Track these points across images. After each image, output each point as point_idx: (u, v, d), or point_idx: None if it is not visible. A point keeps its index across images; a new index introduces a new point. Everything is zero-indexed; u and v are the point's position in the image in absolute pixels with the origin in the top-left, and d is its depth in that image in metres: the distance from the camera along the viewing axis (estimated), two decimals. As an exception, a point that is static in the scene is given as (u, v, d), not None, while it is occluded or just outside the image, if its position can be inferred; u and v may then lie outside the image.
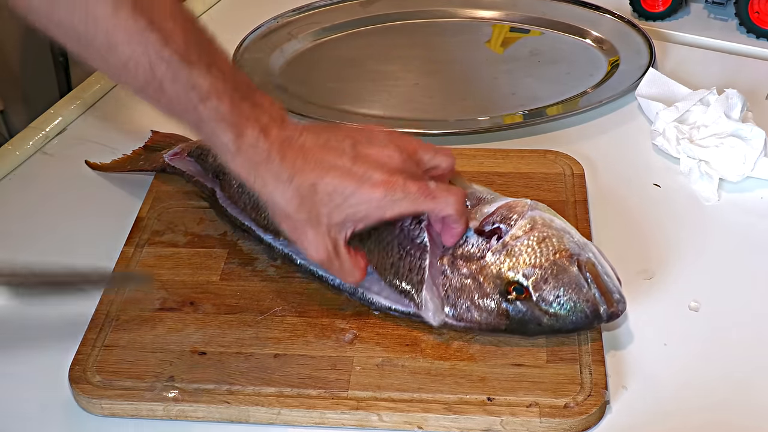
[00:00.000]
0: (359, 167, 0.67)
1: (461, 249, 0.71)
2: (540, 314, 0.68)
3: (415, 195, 0.67)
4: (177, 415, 0.68)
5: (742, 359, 0.71)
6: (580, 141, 0.94)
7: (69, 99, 1.03)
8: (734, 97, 0.90)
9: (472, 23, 1.16)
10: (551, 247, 0.69)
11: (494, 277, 0.69)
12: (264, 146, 0.66)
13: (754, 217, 0.85)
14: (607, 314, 0.68)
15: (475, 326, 0.70)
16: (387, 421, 0.66)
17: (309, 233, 0.68)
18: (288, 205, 0.67)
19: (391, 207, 0.67)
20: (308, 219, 0.67)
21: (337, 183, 0.66)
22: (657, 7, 1.13)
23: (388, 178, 0.67)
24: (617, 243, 0.74)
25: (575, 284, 0.68)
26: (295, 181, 0.66)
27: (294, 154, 0.66)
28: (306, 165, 0.66)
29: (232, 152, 0.66)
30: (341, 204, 0.66)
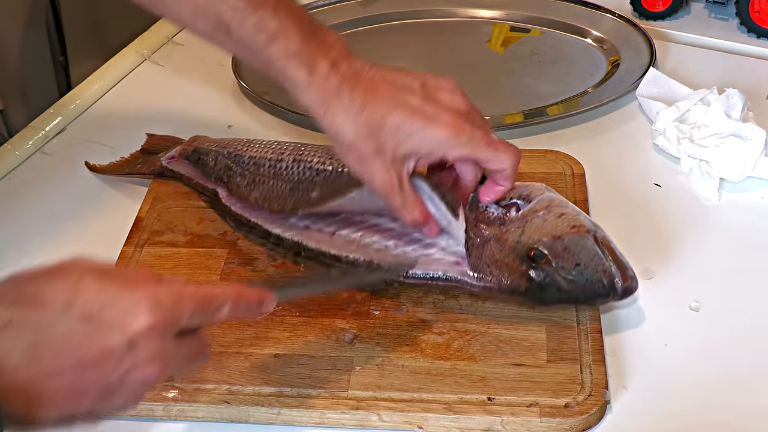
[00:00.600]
0: (428, 106, 0.69)
1: (483, 215, 0.73)
2: (559, 279, 0.70)
3: (479, 141, 0.69)
4: (177, 415, 0.67)
5: (743, 359, 0.71)
6: (581, 141, 0.94)
7: (69, 99, 1.03)
8: (735, 97, 0.90)
9: (472, 23, 1.16)
10: (569, 221, 0.72)
11: (515, 242, 0.71)
12: (335, 80, 0.68)
13: (754, 217, 0.85)
14: (622, 288, 0.70)
15: (495, 286, 0.72)
16: (387, 421, 0.66)
17: (375, 163, 0.69)
18: (356, 136, 0.68)
19: (454, 148, 0.69)
20: (375, 150, 0.68)
21: (405, 118, 0.68)
22: (657, 7, 1.13)
23: (456, 120, 0.69)
24: (618, 243, 0.74)
25: (593, 254, 0.70)
26: (365, 113, 0.68)
27: (364, 88, 0.68)
28: (376, 98, 0.68)
29: (304, 88, 0.68)
30: (407, 139, 0.68)
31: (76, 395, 0.53)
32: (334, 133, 0.69)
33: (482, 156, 0.70)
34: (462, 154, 0.70)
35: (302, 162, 0.81)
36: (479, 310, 0.73)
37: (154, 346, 0.54)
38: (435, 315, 0.73)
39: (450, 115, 0.69)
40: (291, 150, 0.83)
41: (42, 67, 1.09)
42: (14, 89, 1.05)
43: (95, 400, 0.53)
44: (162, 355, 0.55)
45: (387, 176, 0.69)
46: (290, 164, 0.81)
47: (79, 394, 0.53)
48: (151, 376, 0.54)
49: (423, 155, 0.70)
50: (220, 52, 1.09)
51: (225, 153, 0.85)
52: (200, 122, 0.99)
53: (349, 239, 0.76)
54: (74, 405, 0.53)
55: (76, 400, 0.53)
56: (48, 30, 1.08)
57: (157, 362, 0.54)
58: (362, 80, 0.69)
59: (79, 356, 0.52)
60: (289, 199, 0.80)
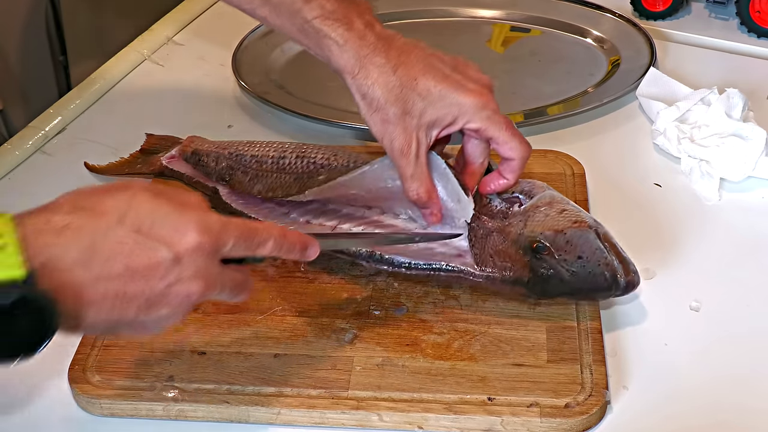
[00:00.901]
0: (457, 75, 0.72)
1: (486, 208, 0.74)
2: (562, 271, 0.70)
3: (500, 120, 0.72)
4: (177, 415, 0.67)
5: (743, 359, 0.71)
6: (581, 140, 0.94)
7: (68, 98, 1.03)
8: (735, 97, 0.90)
9: (472, 22, 1.16)
10: (571, 217, 0.72)
11: (518, 235, 0.72)
12: (371, 38, 0.71)
13: (755, 217, 0.85)
14: (624, 282, 0.70)
15: (498, 276, 0.72)
16: (387, 421, 0.66)
17: (399, 126, 0.71)
18: (387, 96, 0.70)
19: (477, 117, 0.71)
20: (402, 112, 0.70)
21: (437, 81, 0.71)
22: (658, 7, 1.13)
23: (482, 90, 0.72)
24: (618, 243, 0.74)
25: (596, 248, 0.70)
26: (399, 72, 0.70)
27: (398, 50, 0.71)
28: (409, 60, 0.71)
29: (340, 44, 0.71)
30: (435, 103, 0.70)
31: (122, 301, 0.55)
32: (365, 93, 0.71)
33: (500, 135, 0.72)
34: (483, 126, 0.72)
35: (306, 158, 0.81)
36: (480, 310, 0.73)
37: (198, 265, 0.57)
38: (435, 315, 0.73)
39: (477, 86, 0.72)
40: (293, 148, 0.83)
41: (42, 67, 1.09)
42: (14, 89, 1.05)
43: (140, 308, 0.56)
44: (205, 274, 0.57)
45: (407, 140, 0.71)
46: (293, 160, 0.82)
47: (125, 301, 0.55)
48: (194, 292, 0.57)
49: (447, 124, 0.72)
50: (219, 51, 1.10)
51: (226, 154, 0.85)
52: (200, 122, 0.99)
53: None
54: (120, 311, 0.55)
55: (122, 307, 0.55)
56: (48, 30, 1.08)
57: (200, 280, 0.57)
58: (395, 43, 0.72)
59: (127, 263, 0.55)
60: (294, 185, 0.80)
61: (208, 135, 0.95)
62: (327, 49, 0.72)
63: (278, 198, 0.80)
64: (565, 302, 0.73)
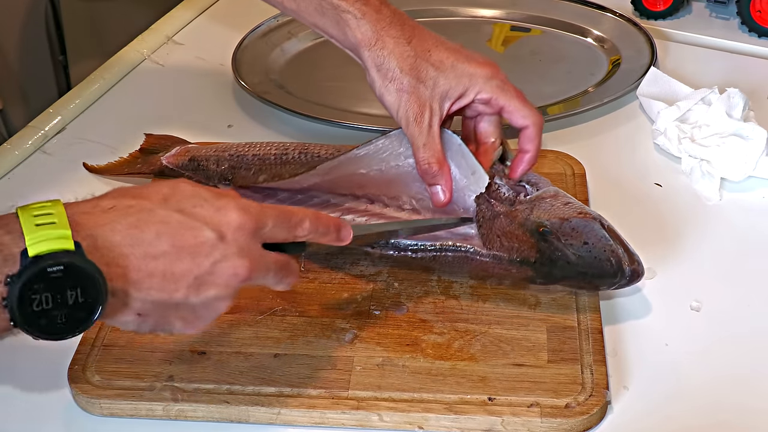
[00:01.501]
0: (466, 51, 0.76)
1: (494, 193, 0.75)
2: (569, 253, 0.70)
3: (510, 89, 0.75)
4: (176, 415, 0.67)
5: (744, 359, 0.71)
6: (582, 140, 0.94)
7: (68, 98, 1.03)
8: (736, 97, 0.90)
9: (472, 22, 1.16)
10: (575, 208, 0.73)
11: (524, 219, 0.72)
12: (387, 13, 0.74)
13: (755, 217, 0.84)
14: (630, 270, 0.70)
15: (506, 255, 0.72)
16: (387, 421, 0.66)
17: (412, 95, 0.73)
18: (402, 64, 0.73)
19: (487, 86, 0.74)
20: (415, 82, 0.73)
21: (449, 54, 0.74)
22: (658, 6, 1.13)
23: (492, 64, 0.76)
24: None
25: (601, 236, 0.71)
26: (413, 43, 0.74)
27: (411, 26, 0.75)
28: (423, 34, 0.75)
29: (357, 19, 0.74)
30: (448, 72, 0.74)
31: (170, 281, 0.56)
32: (380, 63, 0.74)
33: (511, 103, 0.75)
34: (493, 95, 0.74)
35: (308, 153, 0.82)
36: (480, 310, 0.73)
37: (241, 243, 0.58)
38: (435, 315, 0.73)
39: (486, 60, 0.76)
40: (295, 146, 0.83)
41: (41, 67, 1.09)
42: (14, 88, 1.05)
43: (189, 288, 0.56)
44: (249, 254, 0.58)
45: (421, 108, 0.73)
46: (296, 155, 0.82)
47: (173, 280, 0.56)
48: (240, 270, 0.57)
49: (459, 94, 0.74)
50: (219, 51, 1.10)
51: (226, 156, 0.85)
52: (200, 122, 0.99)
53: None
54: (169, 291, 0.56)
55: (170, 286, 0.56)
56: (47, 29, 1.08)
57: (245, 258, 0.58)
58: (409, 22, 0.76)
59: (173, 242, 0.56)
60: (300, 168, 0.80)
61: (208, 135, 0.95)
62: (345, 24, 0.74)
63: (284, 179, 0.80)
64: (566, 303, 0.73)
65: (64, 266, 0.52)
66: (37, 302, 0.52)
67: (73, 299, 0.53)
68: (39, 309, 0.53)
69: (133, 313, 0.57)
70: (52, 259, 0.52)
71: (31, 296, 0.52)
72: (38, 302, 0.52)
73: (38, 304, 0.52)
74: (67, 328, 0.54)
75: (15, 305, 0.52)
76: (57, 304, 0.53)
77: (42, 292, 0.52)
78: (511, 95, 0.75)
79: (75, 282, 0.53)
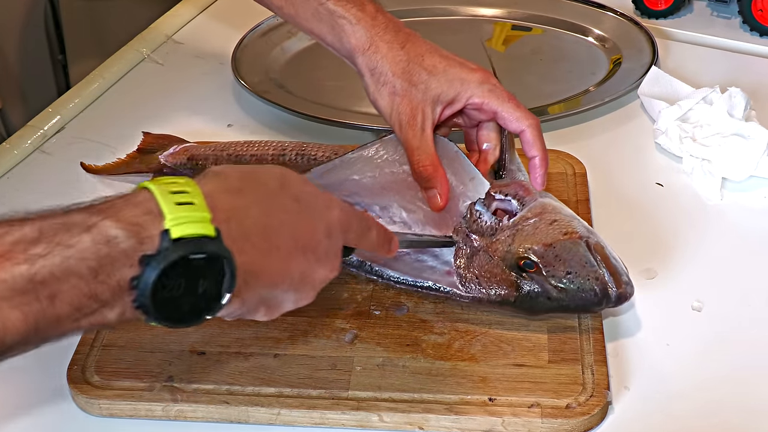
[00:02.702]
0: (459, 59, 0.76)
1: (475, 224, 0.73)
2: (549, 288, 0.69)
3: (503, 94, 0.75)
4: (176, 415, 0.67)
5: (745, 359, 0.70)
6: (582, 140, 0.94)
7: (67, 97, 1.03)
8: (737, 96, 0.90)
9: (473, 21, 1.15)
10: (561, 228, 0.71)
11: (505, 252, 0.71)
12: (382, 19, 0.75)
13: (757, 217, 0.84)
14: (615, 295, 0.68)
15: (484, 297, 0.71)
16: (388, 421, 0.66)
17: (405, 98, 0.74)
18: (395, 68, 0.74)
19: (480, 91, 0.74)
20: (408, 86, 0.74)
21: (442, 59, 0.75)
22: (660, 5, 1.13)
23: (484, 70, 0.76)
24: (619, 242, 0.74)
25: (585, 262, 0.69)
26: (407, 48, 0.75)
27: (406, 33, 0.76)
28: (417, 40, 0.76)
29: (353, 24, 0.75)
30: (440, 76, 0.74)
31: (283, 276, 0.55)
32: (374, 67, 0.74)
33: (504, 108, 0.74)
34: (485, 100, 0.74)
35: (305, 155, 0.81)
36: (481, 310, 0.73)
37: (339, 243, 0.58)
38: (436, 315, 0.73)
39: (478, 66, 0.76)
40: (293, 147, 0.83)
41: (41, 66, 1.09)
42: (13, 88, 1.05)
43: (292, 282, 0.56)
44: (338, 255, 0.59)
45: (413, 111, 0.73)
46: (293, 156, 0.82)
47: (285, 275, 0.55)
48: (333, 272, 0.58)
49: (451, 99, 0.74)
50: (219, 50, 1.10)
51: (225, 155, 0.85)
52: (200, 121, 0.99)
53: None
54: (277, 285, 0.55)
55: (280, 281, 0.55)
56: (47, 28, 1.08)
57: (337, 260, 0.58)
58: (404, 29, 0.76)
59: (293, 234, 0.55)
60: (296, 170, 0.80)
61: (208, 134, 0.94)
62: (340, 29, 0.75)
63: None
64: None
65: (207, 255, 0.49)
66: (169, 288, 0.49)
67: (203, 288, 0.50)
68: (168, 295, 0.49)
69: (239, 301, 0.54)
70: (195, 246, 0.49)
71: (164, 282, 0.48)
72: (170, 288, 0.49)
73: (169, 290, 0.49)
74: (190, 317, 0.51)
75: (149, 289, 0.48)
76: (186, 292, 0.49)
77: (177, 277, 0.49)
78: (503, 99, 0.74)
79: (211, 272, 0.50)
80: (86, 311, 0.48)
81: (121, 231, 0.48)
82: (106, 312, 0.48)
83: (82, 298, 0.47)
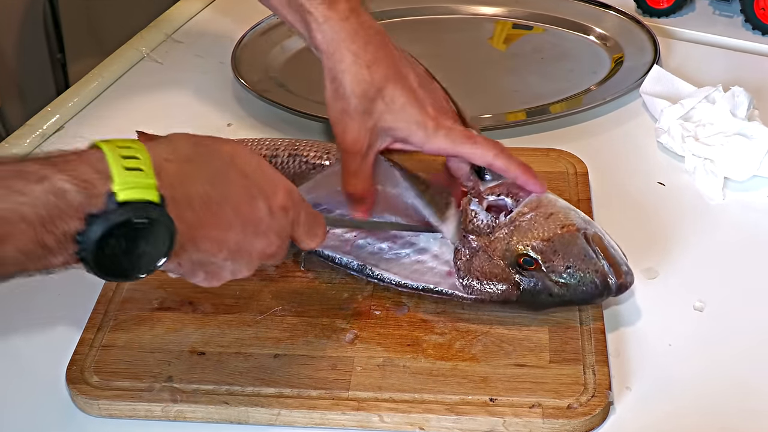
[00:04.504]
0: (421, 92, 0.72)
1: (471, 224, 0.73)
2: (551, 284, 0.69)
3: (457, 135, 0.72)
4: (175, 415, 0.67)
5: (748, 360, 0.70)
6: (584, 139, 0.94)
7: (66, 96, 1.02)
8: (740, 95, 0.90)
9: (474, 20, 1.15)
10: (558, 221, 0.71)
11: (504, 251, 0.71)
12: (354, 23, 0.71)
13: (759, 216, 0.84)
14: (616, 285, 0.69)
15: (486, 297, 0.71)
16: (388, 422, 0.66)
17: (355, 121, 0.71)
18: (354, 88, 0.70)
19: (431, 138, 0.72)
20: (362, 110, 0.71)
21: (402, 92, 0.71)
22: (662, 4, 1.12)
23: (438, 114, 0.72)
24: (621, 242, 0.73)
25: (584, 255, 0.69)
26: (372, 69, 0.71)
27: (376, 46, 0.71)
28: (385, 61, 0.71)
29: (320, 22, 0.71)
30: (396, 113, 0.71)
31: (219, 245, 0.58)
32: (335, 77, 0.71)
33: (463, 151, 0.72)
34: (439, 148, 0.72)
35: (298, 157, 0.81)
36: (481, 309, 0.73)
37: (282, 224, 0.60)
38: (436, 315, 0.73)
39: (435, 110, 0.72)
40: (286, 145, 0.83)
41: (39, 65, 1.08)
42: (12, 87, 1.05)
43: (229, 253, 0.58)
44: (281, 236, 0.61)
45: (360, 137, 0.71)
46: (285, 159, 0.81)
47: (222, 245, 0.58)
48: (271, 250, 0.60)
49: (400, 138, 0.72)
50: (219, 49, 1.10)
51: None
52: (200, 120, 0.99)
53: (342, 238, 0.76)
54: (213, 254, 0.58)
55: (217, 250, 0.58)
56: (45, 27, 1.07)
57: (279, 240, 0.60)
58: (375, 37, 0.72)
59: (234, 207, 0.58)
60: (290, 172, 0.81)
61: (207, 133, 0.93)
62: (308, 26, 0.72)
63: None
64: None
65: (150, 220, 0.53)
66: (111, 246, 0.52)
67: (142, 249, 0.53)
68: (110, 252, 0.52)
69: (175, 263, 0.57)
70: (139, 210, 0.52)
71: (107, 240, 0.52)
72: (111, 246, 0.52)
73: (111, 248, 0.52)
74: (127, 274, 0.54)
75: (92, 245, 0.51)
76: (127, 251, 0.53)
77: (119, 237, 0.52)
78: (458, 142, 0.72)
79: (152, 235, 0.53)
80: (32, 257, 0.51)
81: (71, 186, 0.51)
82: (51, 259, 0.52)
83: (29, 244, 0.50)
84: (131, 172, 0.52)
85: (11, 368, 0.72)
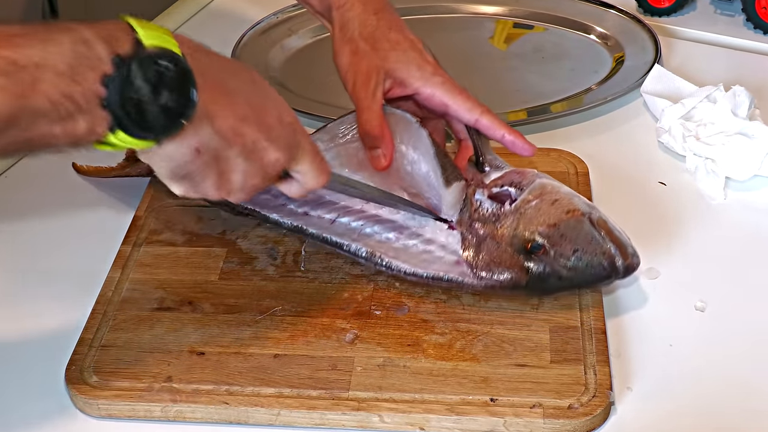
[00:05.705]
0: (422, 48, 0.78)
1: (476, 213, 0.73)
2: (559, 268, 0.70)
3: (454, 87, 0.77)
4: (175, 416, 0.67)
5: (749, 360, 0.70)
6: (585, 138, 0.94)
7: (66, 95, 1.02)
8: (741, 95, 0.89)
9: (474, 19, 1.15)
10: (563, 206, 0.72)
11: (511, 237, 0.72)
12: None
13: (760, 216, 0.84)
14: (623, 267, 0.70)
15: (496, 284, 0.72)
16: (388, 422, 0.65)
17: (364, 59, 0.76)
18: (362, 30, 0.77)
19: (429, 83, 0.76)
20: (369, 49, 0.76)
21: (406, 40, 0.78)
22: (663, 3, 1.12)
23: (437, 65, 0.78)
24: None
25: (591, 238, 0.70)
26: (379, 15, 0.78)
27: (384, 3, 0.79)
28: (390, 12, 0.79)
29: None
30: (400, 54, 0.76)
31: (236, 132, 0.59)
32: (344, 23, 0.77)
33: (455, 101, 0.76)
34: (433, 92, 0.76)
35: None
36: (482, 310, 0.73)
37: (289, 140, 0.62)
38: (437, 315, 0.73)
39: (434, 61, 0.78)
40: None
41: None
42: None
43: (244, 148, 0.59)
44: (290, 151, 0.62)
45: (369, 73, 0.76)
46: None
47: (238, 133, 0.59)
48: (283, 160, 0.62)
49: (400, 79, 0.76)
50: (218, 48, 1.09)
51: None
52: (200, 119, 0.98)
53: (349, 227, 0.76)
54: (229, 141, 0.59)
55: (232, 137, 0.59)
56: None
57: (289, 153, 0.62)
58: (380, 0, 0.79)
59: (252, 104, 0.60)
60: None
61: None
62: None
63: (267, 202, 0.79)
64: (569, 302, 0.72)
65: (174, 63, 0.54)
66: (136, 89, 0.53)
67: (165, 101, 0.54)
68: (135, 98, 0.53)
69: (195, 146, 0.57)
70: (164, 53, 0.54)
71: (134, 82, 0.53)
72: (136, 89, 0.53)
73: (136, 92, 0.53)
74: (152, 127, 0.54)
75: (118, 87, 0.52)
76: (151, 100, 0.53)
77: (144, 80, 0.53)
78: (453, 93, 0.76)
79: (175, 83, 0.54)
80: (62, 112, 0.52)
81: (97, 37, 0.53)
82: (79, 119, 0.52)
83: (58, 95, 0.51)
84: (154, 32, 0.54)
85: (11, 368, 0.72)
